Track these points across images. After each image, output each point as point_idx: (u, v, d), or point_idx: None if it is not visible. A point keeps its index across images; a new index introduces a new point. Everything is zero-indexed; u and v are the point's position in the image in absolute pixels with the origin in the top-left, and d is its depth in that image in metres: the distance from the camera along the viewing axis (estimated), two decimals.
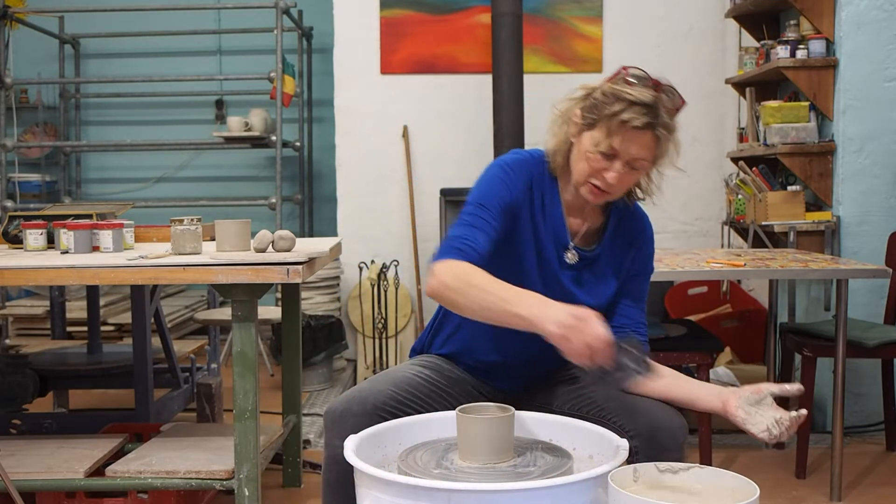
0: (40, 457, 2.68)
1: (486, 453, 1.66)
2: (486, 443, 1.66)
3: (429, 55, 5.14)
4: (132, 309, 3.27)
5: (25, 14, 5.64)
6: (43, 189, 5.93)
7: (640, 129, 1.73)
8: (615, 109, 1.73)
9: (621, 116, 1.72)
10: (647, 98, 1.73)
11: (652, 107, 1.73)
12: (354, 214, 5.20)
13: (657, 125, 1.74)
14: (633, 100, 1.72)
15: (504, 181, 1.85)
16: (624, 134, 1.73)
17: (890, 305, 3.49)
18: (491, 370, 2.02)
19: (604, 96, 1.76)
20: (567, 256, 1.91)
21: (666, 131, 1.75)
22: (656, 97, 1.74)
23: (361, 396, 1.84)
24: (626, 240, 1.95)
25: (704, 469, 1.56)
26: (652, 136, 1.74)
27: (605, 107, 1.75)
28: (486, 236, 1.80)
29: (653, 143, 1.75)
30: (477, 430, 1.66)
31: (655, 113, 1.73)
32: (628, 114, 1.72)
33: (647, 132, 1.74)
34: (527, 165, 1.89)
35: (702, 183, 5.16)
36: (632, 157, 1.76)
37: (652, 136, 1.74)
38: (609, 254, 1.93)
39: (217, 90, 6.20)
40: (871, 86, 3.72)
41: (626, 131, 1.73)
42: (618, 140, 1.74)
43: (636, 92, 1.73)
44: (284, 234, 2.53)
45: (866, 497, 3.08)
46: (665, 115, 1.75)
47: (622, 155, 1.75)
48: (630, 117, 1.72)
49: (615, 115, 1.73)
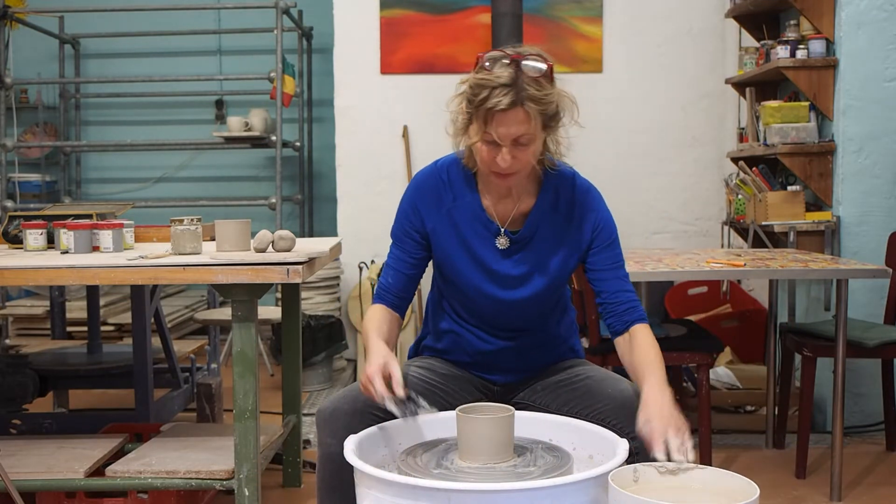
0: (40, 457, 2.68)
1: (487, 453, 1.66)
2: (486, 443, 1.66)
3: (429, 55, 5.14)
4: (132, 309, 3.27)
5: (25, 14, 5.64)
6: (43, 189, 5.93)
7: (507, 110, 1.75)
8: (481, 98, 1.76)
9: (486, 104, 1.75)
10: (505, 77, 1.75)
11: (511, 84, 1.75)
12: (354, 214, 5.20)
13: (522, 100, 1.75)
14: (493, 84, 1.75)
15: (405, 210, 2.00)
16: (495, 119, 1.76)
17: (890, 305, 3.49)
18: (482, 363, 2.05)
19: (471, 89, 1.80)
20: (499, 243, 1.95)
21: (534, 103, 1.76)
22: (515, 73, 1.76)
23: (352, 395, 1.87)
24: (568, 211, 1.97)
25: (704, 469, 1.56)
26: (521, 111, 1.76)
27: (474, 98, 1.78)
28: (396, 272, 2.00)
29: (525, 118, 1.76)
30: (477, 430, 1.66)
31: (517, 89, 1.75)
32: (492, 99, 1.75)
33: (514, 109, 1.75)
34: (429, 179, 1.99)
35: (702, 183, 5.16)
36: (513, 137, 1.78)
37: (522, 112, 1.76)
38: (548, 227, 1.96)
39: (217, 90, 6.21)
40: (871, 86, 3.72)
41: (496, 115, 1.76)
42: (492, 126, 1.77)
43: (494, 75, 1.76)
44: (284, 234, 2.53)
45: (866, 497, 3.07)
46: (530, 87, 1.76)
47: (503, 138, 1.78)
48: (494, 102, 1.74)
49: (482, 103, 1.76)
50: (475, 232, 1.95)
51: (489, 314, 2.00)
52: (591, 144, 4.91)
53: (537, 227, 1.95)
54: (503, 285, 1.96)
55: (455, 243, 1.96)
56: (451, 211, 1.96)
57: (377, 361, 1.79)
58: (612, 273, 1.98)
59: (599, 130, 5.03)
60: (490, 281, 1.95)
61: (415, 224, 1.98)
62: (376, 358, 1.80)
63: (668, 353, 3.13)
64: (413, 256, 2.00)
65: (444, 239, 1.97)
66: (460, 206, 1.96)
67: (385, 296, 2.00)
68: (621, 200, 5.09)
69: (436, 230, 1.97)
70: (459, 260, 1.96)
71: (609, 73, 5.14)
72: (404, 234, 2.00)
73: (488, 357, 2.04)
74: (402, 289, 2.00)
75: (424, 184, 1.99)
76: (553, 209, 1.96)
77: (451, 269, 1.98)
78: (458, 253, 1.96)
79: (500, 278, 1.95)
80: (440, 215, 1.96)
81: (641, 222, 5.16)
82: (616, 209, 2.00)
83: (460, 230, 1.95)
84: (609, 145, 5.06)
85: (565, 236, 1.97)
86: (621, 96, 5.13)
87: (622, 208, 5.08)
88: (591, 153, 4.75)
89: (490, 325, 2.02)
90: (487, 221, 1.95)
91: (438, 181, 1.98)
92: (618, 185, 5.06)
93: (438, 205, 1.97)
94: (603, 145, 5.04)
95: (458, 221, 1.96)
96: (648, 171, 5.15)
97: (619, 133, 5.12)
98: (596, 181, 2.11)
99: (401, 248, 2.01)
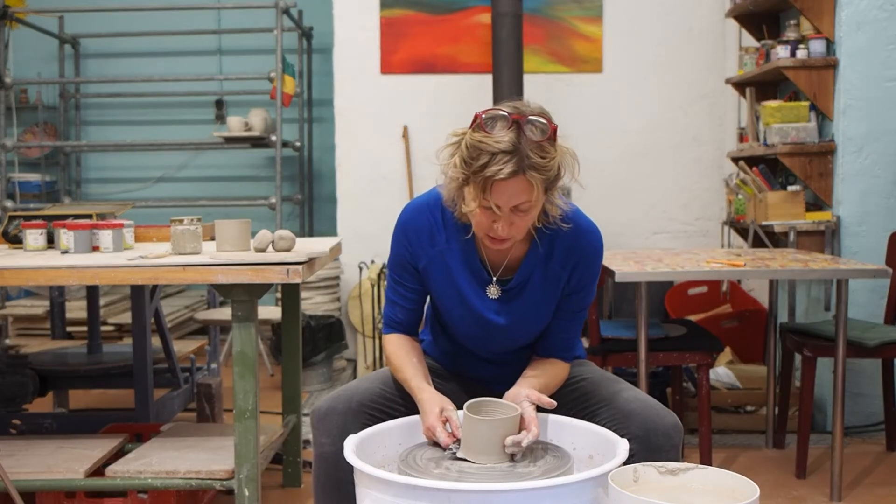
0: (40, 457, 2.68)
1: (494, 453, 1.67)
2: (494, 444, 1.66)
3: (429, 55, 5.14)
4: (132, 309, 3.27)
5: (25, 14, 5.63)
6: (43, 189, 5.92)
7: (507, 179, 1.65)
8: (480, 164, 1.65)
9: (486, 172, 1.65)
10: (506, 144, 1.64)
11: (513, 151, 1.64)
12: (354, 214, 5.20)
13: (524, 169, 1.65)
14: (493, 150, 1.64)
15: (403, 244, 1.92)
16: (495, 187, 1.66)
17: (890, 305, 3.49)
18: (481, 379, 2.05)
19: (468, 150, 1.68)
20: (490, 292, 1.90)
21: (536, 171, 1.66)
22: (516, 138, 1.65)
23: (346, 395, 1.89)
24: (563, 258, 1.88)
25: (704, 469, 1.56)
26: (524, 180, 1.66)
27: (472, 162, 1.67)
28: (402, 308, 1.98)
29: (528, 187, 1.67)
30: (485, 431, 1.67)
31: (519, 156, 1.64)
32: (492, 167, 1.64)
33: (516, 178, 1.65)
34: (421, 216, 1.90)
35: (702, 183, 5.16)
36: (513, 205, 1.69)
37: (524, 181, 1.66)
38: (540, 274, 1.88)
39: (217, 90, 6.20)
40: (871, 86, 3.72)
41: (496, 184, 1.65)
42: (491, 194, 1.67)
43: (494, 140, 1.65)
44: (284, 234, 2.53)
45: (866, 497, 3.07)
46: (532, 154, 1.65)
47: (502, 206, 1.68)
48: (495, 170, 1.64)
49: (480, 170, 1.65)
50: (467, 280, 1.89)
51: (482, 353, 2.01)
52: (591, 144, 4.92)
53: (529, 274, 1.88)
54: (494, 332, 1.94)
55: (447, 287, 1.91)
56: (444, 253, 1.89)
57: (433, 410, 1.77)
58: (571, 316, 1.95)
59: (599, 130, 5.03)
60: (479, 327, 1.93)
61: (409, 259, 1.93)
62: (431, 406, 1.78)
63: (668, 353, 3.16)
64: (414, 291, 1.97)
65: (436, 280, 1.92)
66: (453, 250, 1.89)
67: (397, 327, 2.00)
68: (621, 201, 5.10)
69: (428, 270, 1.92)
70: (451, 305, 1.93)
71: (609, 72, 5.14)
72: (401, 267, 1.95)
73: (485, 375, 2.04)
74: (411, 320, 2.01)
75: (417, 221, 1.91)
76: (548, 256, 1.88)
77: (443, 309, 1.96)
78: (450, 297, 1.92)
79: (492, 327, 1.92)
80: (433, 255, 1.90)
81: (641, 222, 5.16)
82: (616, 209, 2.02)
83: (452, 275, 1.90)
84: (609, 145, 5.06)
85: (558, 286, 1.90)
86: (621, 96, 5.13)
87: (622, 209, 5.10)
88: (591, 153, 4.75)
89: (483, 360, 2.02)
90: (479, 269, 1.89)
91: (432, 220, 1.90)
92: (618, 185, 5.07)
93: (431, 244, 1.90)
94: (603, 145, 5.04)
95: (450, 265, 1.90)
96: (648, 171, 5.15)
97: (619, 133, 5.12)
98: (596, 181, 2.10)
99: (400, 284, 1.96)
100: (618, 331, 3.28)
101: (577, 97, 5.08)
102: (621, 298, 4.54)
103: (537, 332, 1.95)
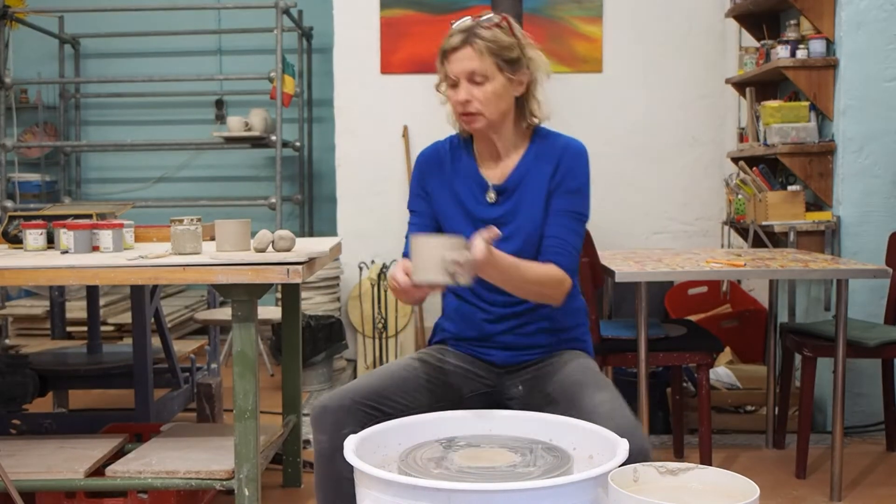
0: (40, 457, 2.68)
1: (433, 270, 1.71)
2: (434, 261, 1.71)
3: (429, 55, 5.07)
4: (132, 309, 3.27)
5: (25, 14, 5.64)
6: (43, 189, 5.93)
7: (458, 49, 1.97)
8: (441, 47, 2.00)
9: (442, 48, 2.00)
10: (462, 25, 1.99)
11: (465, 29, 1.97)
12: (354, 214, 5.20)
13: (471, 39, 1.95)
14: (451, 32, 1.99)
15: (416, 178, 2.16)
16: (449, 59, 1.99)
17: (890, 305, 3.49)
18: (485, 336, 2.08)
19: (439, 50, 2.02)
20: (489, 197, 2.07)
21: (482, 41, 1.95)
22: (471, 23, 1.98)
23: (340, 392, 1.92)
24: (549, 156, 2.07)
25: (704, 469, 1.56)
26: (470, 49, 1.95)
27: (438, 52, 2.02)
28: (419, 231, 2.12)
29: (474, 54, 1.95)
30: (425, 249, 1.73)
31: (469, 31, 1.97)
32: (446, 43, 1.99)
33: (464, 48, 1.96)
34: (432, 150, 2.17)
35: (702, 183, 5.15)
36: (466, 73, 1.96)
37: (470, 49, 1.95)
38: (534, 176, 2.05)
39: (217, 90, 6.21)
40: (871, 86, 3.72)
41: (449, 56, 1.98)
42: (448, 66, 1.99)
43: (454, 27, 2.01)
44: (284, 234, 2.53)
45: (866, 497, 3.08)
46: (482, 31, 1.96)
47: (459, 75, 1.97)
48: (447, 44, 1.98)
49: (440, 49, 2.00)
50: (469, 190, 2.08)
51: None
52: (590, 144, 4.87)
53: (522, 177, 2.06)
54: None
55: (451, 203, 2.09)
56: (451, 174, 2.11)
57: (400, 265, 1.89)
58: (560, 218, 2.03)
59: (599, 130, 5.02)
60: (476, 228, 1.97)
61: (422, 186, 2.13)
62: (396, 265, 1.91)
63: (668, 353, 3.16)
64: (429, 216, 2.12)
65: (442, 199, 2.10)
66: (458, 169, 2.11)
67: None
68: (621, 200, 5.10)
69: (435, 191, 2.11)
70: (453, 216, 2.08)
71: (609, 73, 5.14)
72: (417, 196, 2.14)
73: (490, 327, 2.07)
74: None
75: (429, 152, 2.17)
76: (537, 159, 2.06)
77: (445, 224, 2.10)
78: (453, 210, 2.09)
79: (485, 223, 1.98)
80: (441, 179, 2.11)
81: (641, 222, 5.16)
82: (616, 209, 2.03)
83: (456, 190, 2.09)
84: (609, 145, 5.06)
85: (545, 178, 2.05)
86: (621, 96, 5.13)
87: (622, 208, 5.10)
88: (590, 153, 4.74)
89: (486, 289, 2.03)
90: (480, 179, 2.08)
91: (441, 150, 2.15)
92: (618, 185, 5.07)
93: (440, 170, 2.12)
94: (603, 145, 5.03)
95: (455, 182, 2.10)
96: (648, 171, 5.15)
97: (618, 133, 5.12)
98: (596, 181, 2.13)
99: (418, 214, 2.14)
100: (618, 331, 3.28)
101: (576, 97, 5.07)
102: (621, 298, 4.54)
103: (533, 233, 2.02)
